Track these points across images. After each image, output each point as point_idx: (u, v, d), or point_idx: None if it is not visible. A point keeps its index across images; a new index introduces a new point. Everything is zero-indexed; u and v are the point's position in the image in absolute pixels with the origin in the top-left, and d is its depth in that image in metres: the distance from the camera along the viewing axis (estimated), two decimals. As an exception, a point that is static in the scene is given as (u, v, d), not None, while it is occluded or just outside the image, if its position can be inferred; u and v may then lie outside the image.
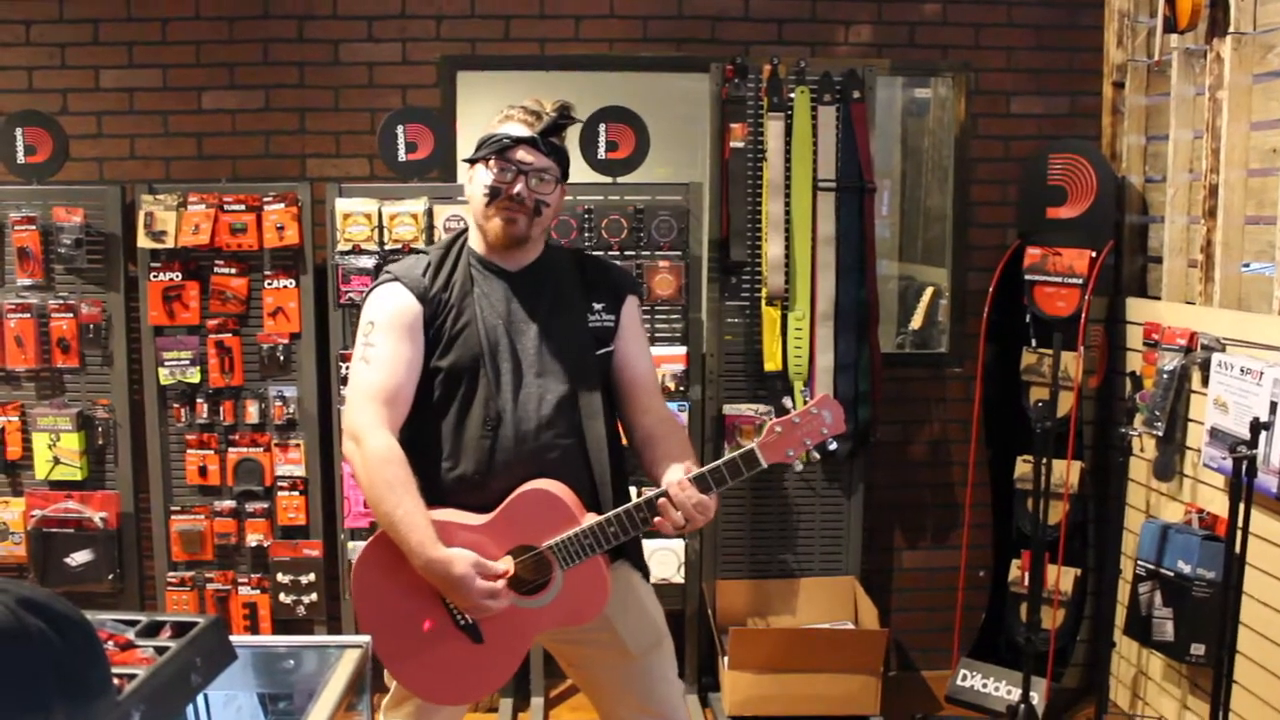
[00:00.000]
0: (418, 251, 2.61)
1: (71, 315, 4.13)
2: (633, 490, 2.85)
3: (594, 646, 2.55)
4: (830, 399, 2.43)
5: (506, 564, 2.40)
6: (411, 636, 2.44)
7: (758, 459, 2.38)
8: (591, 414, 2.52)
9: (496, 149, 2.44)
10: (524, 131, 2.45)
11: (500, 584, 2.36)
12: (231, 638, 1.79)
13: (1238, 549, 3.23)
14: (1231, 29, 3.63)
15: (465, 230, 2.61)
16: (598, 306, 2.57)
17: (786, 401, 2.47)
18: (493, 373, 2.44)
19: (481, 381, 2.43)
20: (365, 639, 2.05)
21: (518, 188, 2.45)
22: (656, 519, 2.37)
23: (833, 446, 2.47)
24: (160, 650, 1.60)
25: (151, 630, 1.69)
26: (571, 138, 4.08)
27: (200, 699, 2.10)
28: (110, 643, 1.59)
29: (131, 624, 1.68)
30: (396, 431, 2.42)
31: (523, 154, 2.45)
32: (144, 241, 4.05)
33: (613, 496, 2.54)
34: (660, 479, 2.45)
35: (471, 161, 2.51)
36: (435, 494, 2.45)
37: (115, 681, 1.43)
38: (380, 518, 2.37)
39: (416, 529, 2.32)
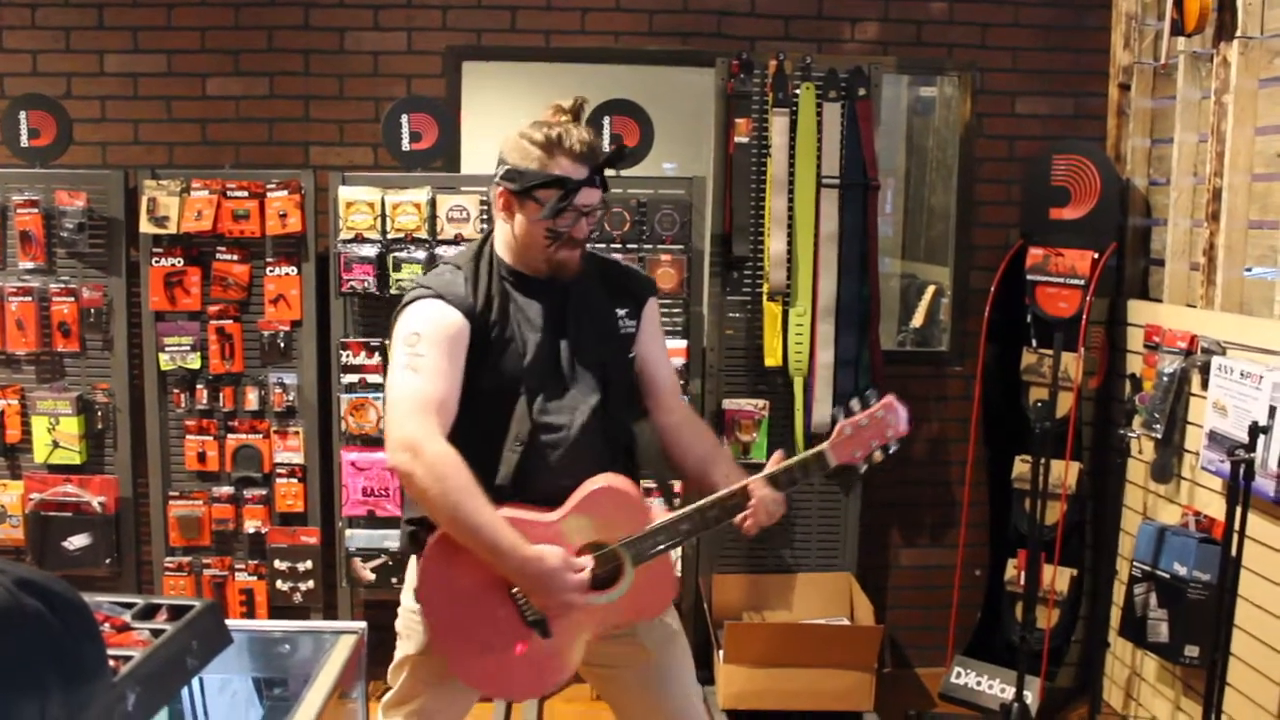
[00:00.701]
0: (447, 263, 2.52)
1: (73, 299, 4.13)
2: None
3: (614, 641, 2.53)
4: (896, 401, 2.46)
5: (587, 560, 2.36)
6: (479, 635, 2.39)
7: (827, 460, 2.42)
8: (623, 420, 2.54)
9: (562, 196, 2.36)
10: (583, 172, 2.39)
11: (586, 579, 2.32)
12: (227, 622, 1.79)
13: (1234, 552, 3.24)
14: (1239, 33, 3.62)
15: (489, 237, 2.54)
16: (621, 312, 2.56)
17: (854, 403, 2.45)
18: (530, 389, 2.40)
19: (519, 397, 2.39)
20: (360, 625, 2.05)
21: (585, 230, 2.45)
22: (739, 517, 2.38)
23: (895, 449, 2.45)
24: (156, 633, 1.60)
25: (148, 613, 1.69)
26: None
27: (195, 682, 2.11)
28: (107, 625, 1.59)
29: (128, 606, 1.69)
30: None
31: (584, 197, 2.41)
32: (146, 227, 4.05)
33: None
34: (706, 479, 2.48)
35: (515, 194, 2.41)
36: None
37: (111, 663, 1.43)
38: (458, 523, 2.26)
39: (503, 530, 2.26)
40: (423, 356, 2.33)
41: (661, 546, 2.41)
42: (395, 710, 2.55)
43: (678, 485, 2.92)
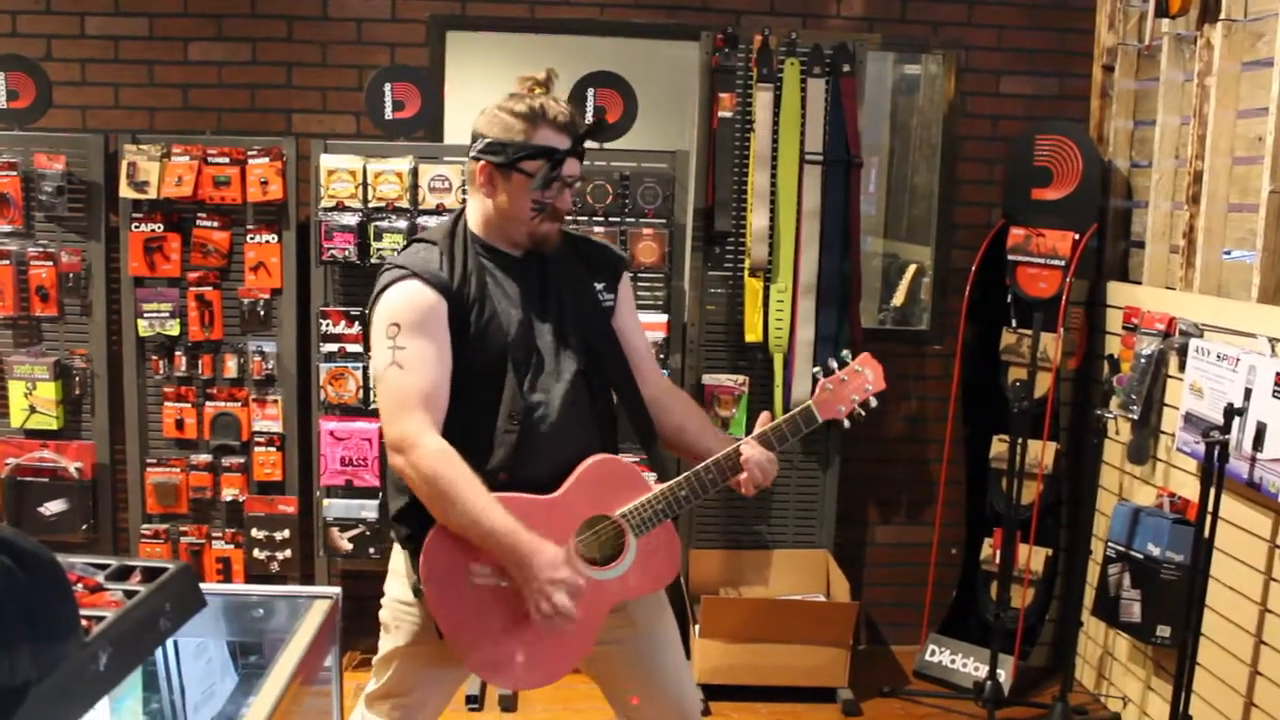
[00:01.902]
0: (421, 240, 2.49)
1: (51, 264, 4.10)
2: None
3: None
4: (871, 358, 2.56)
5: (585, 577, 2.35)
6: (486, 621, 2.37)
7: (814, 415, 2.48)
8: (608, 387, 2.53)
9: (551, 167, 2.37)
10: (567, 142, 2.39)
11: (582, 584, 2.30)
12: (202, 585, 1.78)
13: (1207, 533, 3.26)
14: (1222, 16, 3.63)
15: (461, 213, 2.52)
16: (599, 285, 2.55)
17: (831, 363, 2.52)
18: (518, 365, 2.39)
19: (508, 375, 2.38)
20: (335, 590, 2.05)
21: (568, 202, 2.45)
22: (736, 477, 2.42)
23: (873, 404, 2.51)
24: (130, 594, 1.59)
25: (121, 574, 1.68)
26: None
27: (170, 647, 2.11)
28: (79, 585, 1.58)
29: (101, 568, 1.68)
30: (439, 431, 2.32)
31: (569, 168, 2.41)
32: (126, 191, 4.02)
33: None
34: (696, 446, 2.51)
35: (499, 167, 2.39)
36: None
37: (84, 623, 1.43)
38: (454, 517, 2.26)
39: (499, 515, 2.25)
40: (404, 349, 2.31)
41: (662, 514, 2.42)
42: (382, 702, 2.52)
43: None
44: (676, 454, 2.54)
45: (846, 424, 2.54)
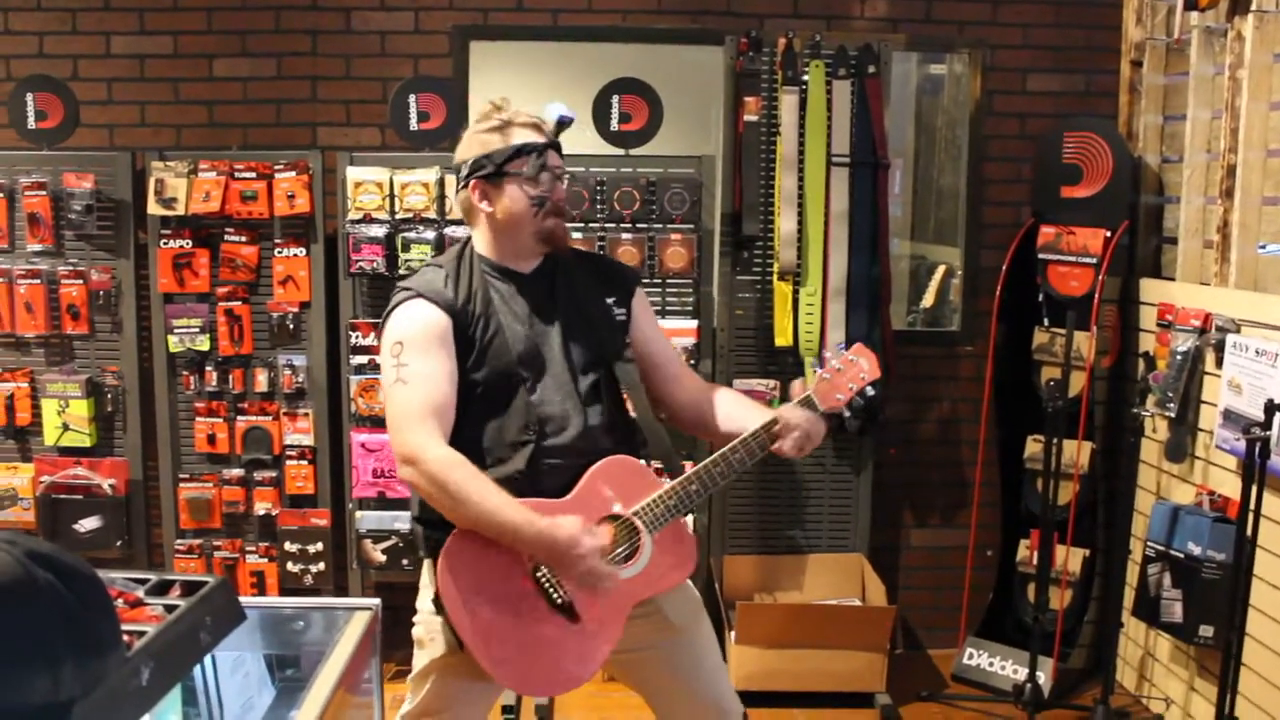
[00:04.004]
0: (430, 264, 2.57)
1: (81, 282, 4.12)
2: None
3: (638, 620, 2.50)
4: (864, 347, 2.62)
5: (605, 527, 2.39)
6: (507, 628, 2.37)
7: (815, 404, 2.54)
8: (621, 395, 2.56)
9: (539, 162, 2.45)
10: (541, 137, 2.48)
11: (606, 542, 2.35)
12: (240, 599, 1.78)
13: (1249, 531, 3.22)
14: (1253, 7, 3.59)
15: (468, 240, 2.56)
16: (610, 300, 2.59)
17: (827, 354, 2.60)
18: (526, 378, 2.42)
19: (517, 388, 2.41)
20: (375, 601, 2.04)
21: (562, 193, 2.51)
22: (779, 444, 2.46)
23: (871, 392, 2.56)
24: (170, 609, 1.59)
25: (161, 589, 1.68)
26: (584, 109, 4.08)
27: (208, 661, 2.11)
28: (119, 600, 1.58)
29: (141, 582, 1.68)
30: (447, 442, 2.36)
31: (553, 159, 2.49)
32: (154, 208, 4.04)
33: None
34: (739, 430, 2.52)
35: (489, 178, 2.45)
36: None
37: (125, 638, 1.42)
38: (468, 517, 2.30)
39: (511, 509, 2.28)
40: (408, 365, 2.37)
41: (674, 510, 2.44)
42: None
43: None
44: (730, 441, 2.54)
45: (847, 413, 2.62)
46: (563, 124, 2.56)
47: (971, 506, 4.48)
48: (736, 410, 2.62)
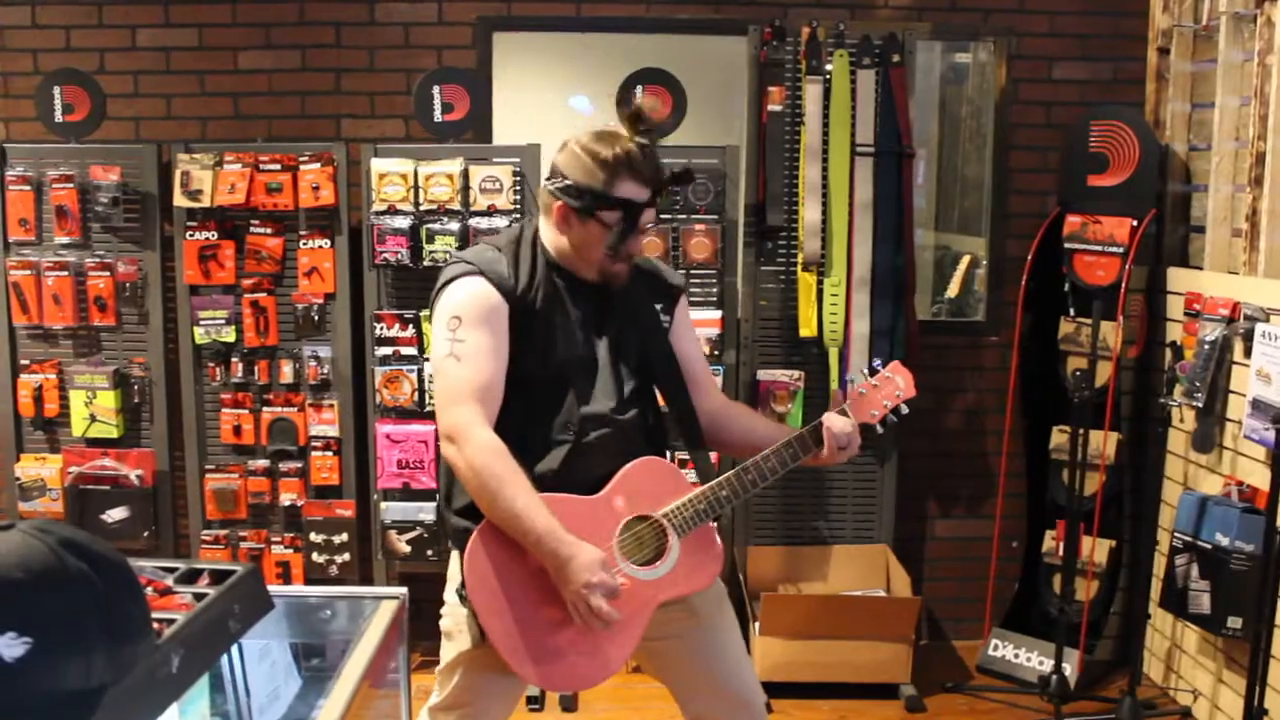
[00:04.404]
0: (487, 243, 2.49)
1: (108, 273, 4.15)
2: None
3: (662, 610, 2.49)
4: (902, 366, 2.59)
5: (624, 577, 2.36)
6: (530, 623, 2.37)
7: (848, 416, 2.52)
8: (659, 404, 2.57)
9: (629, 218, 2.35)
10: (646, 194, 2.36)
11: (617, 587, 2.30)
12: (268, 587, 1.79)
13: (1278, 522, 3.19)
14: (1282, -8, 3.56)
15: (532, 225, 2.52)
16: (658, 307, 2.57)
17: (863, 371, 2.59)
18: (576, 378, 2.41)
19: (565, 388, 2.40)
20: (402, 590, 2.05)
21: (640, 246, 2.46)
22: (817, 451, 2.46)
23: (905, 411, 2.55)
24: (199, 597, 1.60)
25: (190, 577, 1.69)
26: (607, 99, 4.08)
27: (235, 649, 2.12)
28: (149, 588, 1.59)
29: (170, 571, 1.69)
30: (492, 426, 2.34)
31: (648, 216, 2.40)
32: (180, 200, 4.06)
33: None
34: (768, 442, 2.50)
35: (577, 210, 2.36)
36: None
37: (155, 626, 1.43)
38: (497, 511, 2.28)
39: (537, 515, 2.26)
40: (464, 342, 2.34)
41: (703, 515, 2.42)
42: (446, 714, 2.51)
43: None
44: (748, 455, 2.52)
45: (880, 430, 2.57)
46: (682, 179, 2.44)
47: (997, 497, 4.47)
48: (757, 425, 2.64)
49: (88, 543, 1.27)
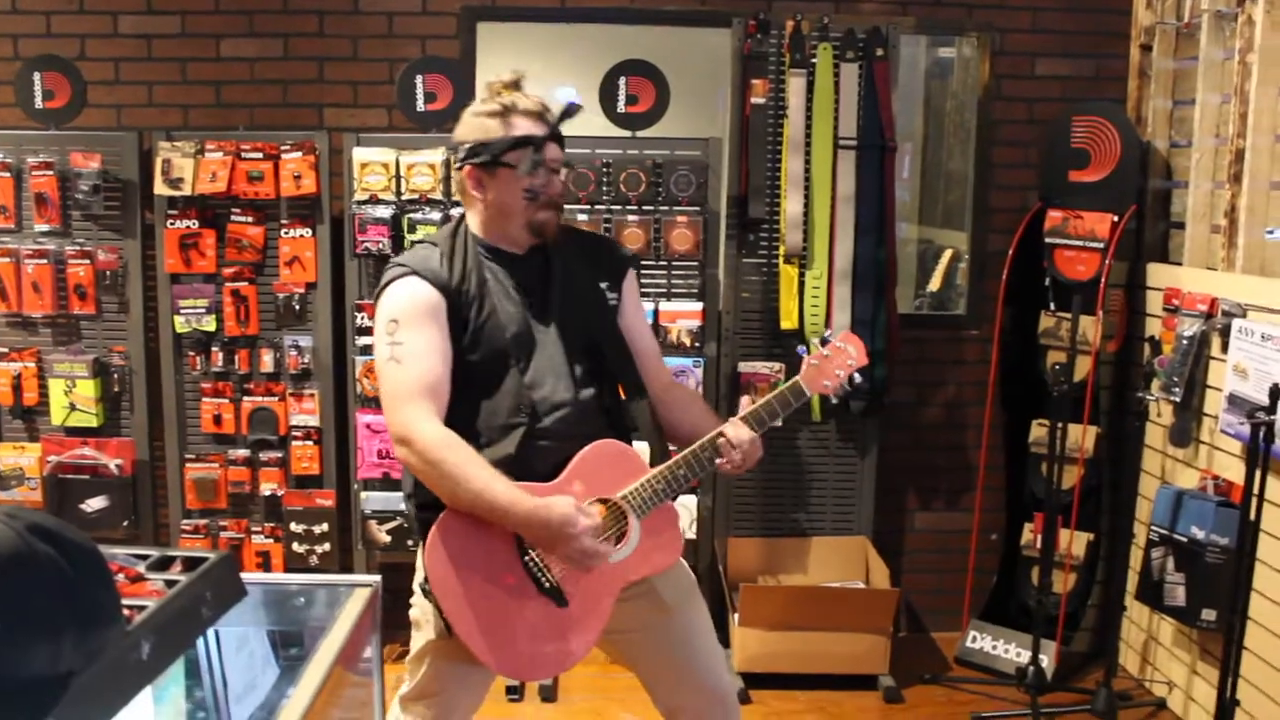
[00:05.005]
0: (423, 241, 2.55)
1: (88, 262, 4.13)
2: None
3: (631, 602, 2.51)
4: (852, 334, 2.64)
5: (595, 507, 2.40)
6: (495, 612, 2.38)
7: (803, 389, 2.54)
8: (613, 381, 2.56)
9: (537, 157, 2.41)
10: (543, 129, 2.44)
11: (599, 522, 2.36)
12: (242, 575, 1.79)
13: (1253, 515, 3.22)
14: (1263, -10, 3.57)
15: (462, 218, 2.55)
16: (603, 284, 2.58)
17: (815, 343, 2.60)
18: (519, 360, 2.42)
19: (510, 371, 2.41)
20: (375, 578, 2.05)
21: (558, 187, 2.48)
22: (719, 460, 2.46)
23: (858, 379, 2.56)
24: (170, 584, 1.60)
25: (162, 564, 1.69)
26: (591, 90, 4.08)
27: (212, 638, 2.12)
28: (121, 575, 1.59)
29: (142, 558, 1.69)
30: (442, 421, 2.35)
31: (551, 152, 2.45)
32: (161, 189, 4.04)
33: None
34: (698, 434, 2.51)
35: (484, 166, 2.42)
36: None
37: (126, 612, 1.43)
38: (459, 497, 2.30)
39: (503, 490, 2.28)
40: (402, 344, 2.36)
41: (661, 495, 2.44)
42: (416, 704, 2.52)
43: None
44: (681, 446, 2.53)
45: (834, 399, 2.63)
46: (570, 112, 2.49)
47: (976, 490, 4.49)
48: (693, 412, 2.64)
49: (57, 528, 1.27)
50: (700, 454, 2.46)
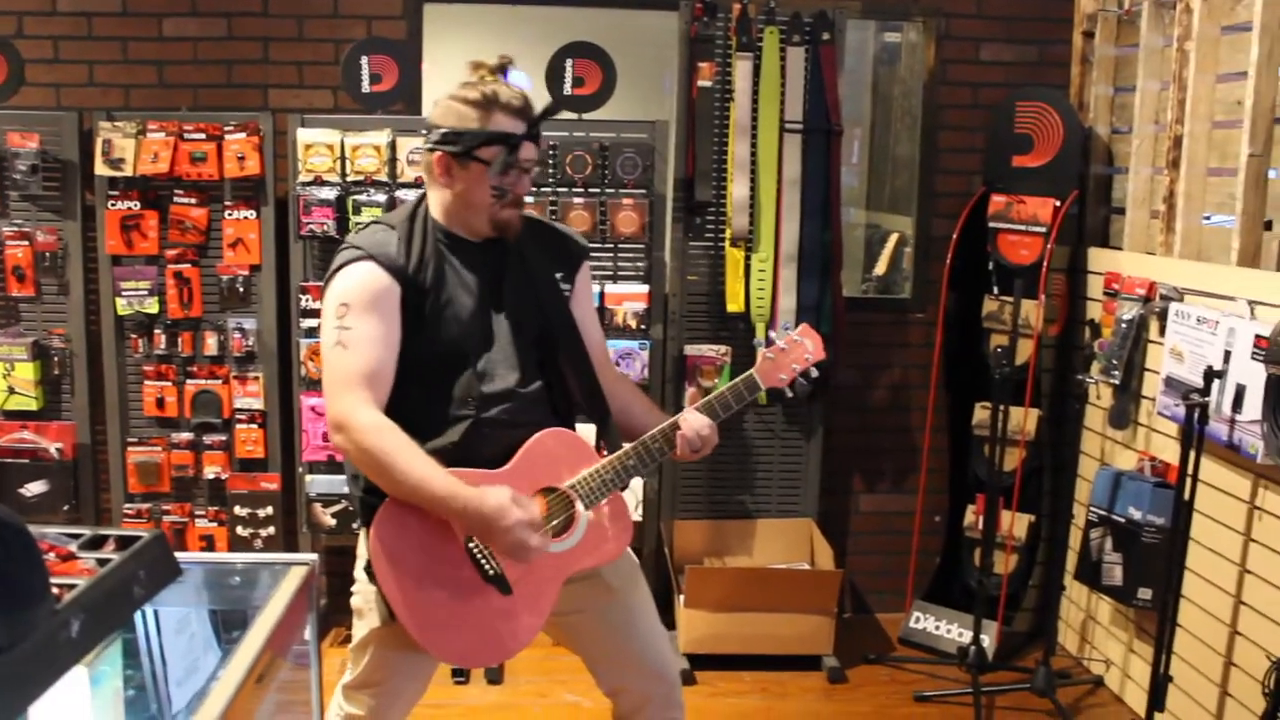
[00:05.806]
0: (380, 222, 2.48)
1: (27, 243, 4.07)
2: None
3: (575, 584, 2.49)
4: (810, 329, 2.63)
5: (537, 501, 2.37)
6: (438, 599, 2.36)
7: (757, 383, 2.54)
8: (563, 374, 2.54)
9: (508, 152, 2.36)
10: (522, 127, 2.38)
11: (536, 514, 2.32)
12: (179, 555, 1.78)
13: (1187, 495, 3.27)
14: (1201, -22, 3.62)
15: (422, 199, 2.50)
16: (558, 275, 2.55)
17: (773, 334, 2.60)
18: (472, 351, 2.40)
19: (463, 362, 2.39)
20: (312, 557, 2.04)
21: (527, 186, 2.44)
22: (672, 450, 2.45)
23: (815, 374, 2.55)
24: (102, 563, 1.59)
25: (94, 544, 1.68)
26: (538, 73, 4.06)
27: (151, 619, 2.11)
28: (51, 554, 1.58)
29: (74, 537, 1.68)
30: (382, 410, 2.32)
31: (526, 152, 2.40)
32: (102, 169, 3.99)
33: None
34: (641, 427, 2.51)
35: (456, 156, 2.37)
36: None
37: (55, 591, 1.42)
38: (395, 485, 2.27)
39: (438, 480, 2.25)
40: (350, 329, 2.31)
41: (610, 484, 2.43)
42: (358, 692, 2.50)
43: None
44: (625, 438, 2.53)
45: (789, 393, 2.60)
46: (551, 111, 2.45)
47: (920, 472, 4.54)
48: (635, 406, 2.63)
49: (-18, 506, 1.26)
50: (651, 445, 2.45)
